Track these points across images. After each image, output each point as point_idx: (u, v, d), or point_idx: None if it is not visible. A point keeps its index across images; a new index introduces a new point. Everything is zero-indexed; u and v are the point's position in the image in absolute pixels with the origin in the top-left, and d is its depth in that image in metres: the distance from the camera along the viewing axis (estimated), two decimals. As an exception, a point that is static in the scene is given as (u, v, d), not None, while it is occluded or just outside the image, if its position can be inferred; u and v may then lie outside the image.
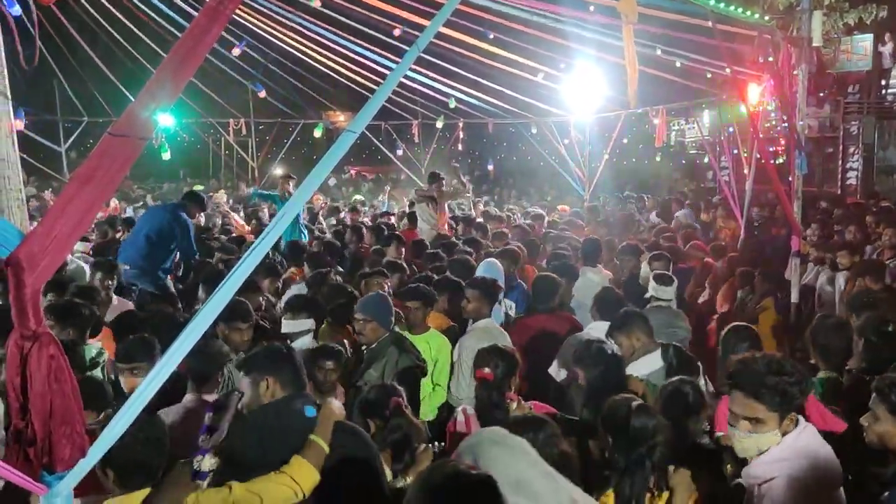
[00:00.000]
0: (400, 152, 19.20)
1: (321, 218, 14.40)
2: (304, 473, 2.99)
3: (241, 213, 14.61)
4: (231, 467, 2.98)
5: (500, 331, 5.53)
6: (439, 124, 19.00)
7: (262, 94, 17.86)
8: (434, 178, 11.93)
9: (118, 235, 10.58)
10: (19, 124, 11.43)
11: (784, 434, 2.83)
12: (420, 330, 5.44)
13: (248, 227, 12.82)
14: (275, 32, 14.44)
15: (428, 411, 5.22)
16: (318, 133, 19.38)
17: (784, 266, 8.14)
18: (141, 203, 17.08)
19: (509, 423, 2.88)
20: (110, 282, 6.60)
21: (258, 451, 3.10)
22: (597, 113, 16.13)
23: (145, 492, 2.79)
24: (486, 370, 4.04)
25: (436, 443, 3.81)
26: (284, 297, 6.21)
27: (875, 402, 2.94)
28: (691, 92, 14.39)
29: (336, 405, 3.39)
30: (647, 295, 6.02)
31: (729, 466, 3.20)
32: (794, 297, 7.68)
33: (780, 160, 16.63)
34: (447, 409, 5.20)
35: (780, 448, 2.80)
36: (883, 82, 21.94)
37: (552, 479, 2.31)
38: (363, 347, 5.10)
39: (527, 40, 12.27)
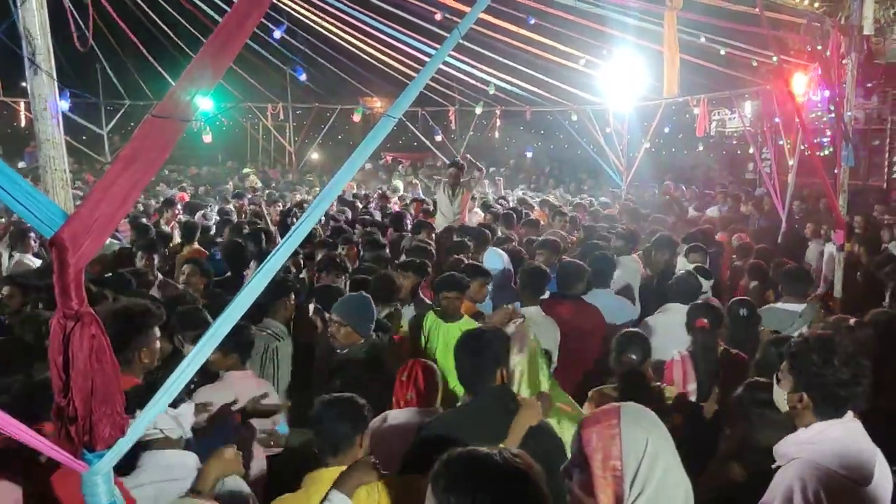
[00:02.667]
0: (439, 138, 19.21)
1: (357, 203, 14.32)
2: None
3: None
4: None
5: (544, 316, 5.54)
6: (478, 110, 18.97)
7: (304, 77, 17.97)
8: (453, 165, 11.30)
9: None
10: (64, 105, 11.64)
11: (794, 408, 2.88)
12: (454, 319, 5.48)
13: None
14: (313, 17, 14.50)
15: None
16: (357, 117, 19.48)
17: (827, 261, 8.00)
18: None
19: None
20: (151, 260, 6.81)
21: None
22: (636, 101, 15.94)
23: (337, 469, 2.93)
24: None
25: None
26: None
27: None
28: (733, 81, 14.15)
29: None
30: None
31: None
32: (837, 292, 7.52)
33: (826, 152, 16.30)
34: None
35: (808, 431, 2.83)
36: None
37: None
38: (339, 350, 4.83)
39: (568, 27, 12.14)
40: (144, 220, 10.31)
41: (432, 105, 19.89)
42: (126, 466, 2.98)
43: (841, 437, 2.77)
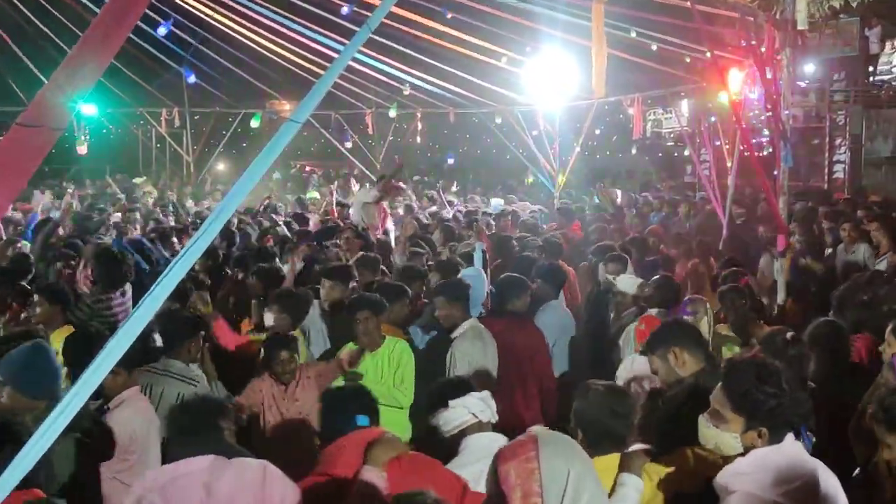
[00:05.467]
0: (349, 144, 19.05)
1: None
2: None
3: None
4: None
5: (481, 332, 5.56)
6: (392, 113, 18.97)
7: (192, 79, 17.63)
8: (382, 178, 11.47)
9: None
10: None
11: (751, 446, 2.92)
12: (376, 344, 5.40)
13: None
14: (210, 13, 14.30)
15: None
16: (255, 123, 19.19)
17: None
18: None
19: None
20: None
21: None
22: (567, 101, 16.22)
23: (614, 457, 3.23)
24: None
25: None
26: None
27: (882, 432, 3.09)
28: (669, 79, 14.58)
29: None
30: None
31: None
32: (780, 299, 7.80)
33: (765, 153, 16.92)
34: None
35: (745, 461, 2.88)
36: (870, 69, 22.46)
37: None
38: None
39: (489, 21, 12.32)
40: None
41: (347, 108, 19.83)
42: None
43: (781, 462, 2.83)
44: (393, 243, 9.83)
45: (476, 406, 3.62)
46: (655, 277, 6.37)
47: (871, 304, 5.93)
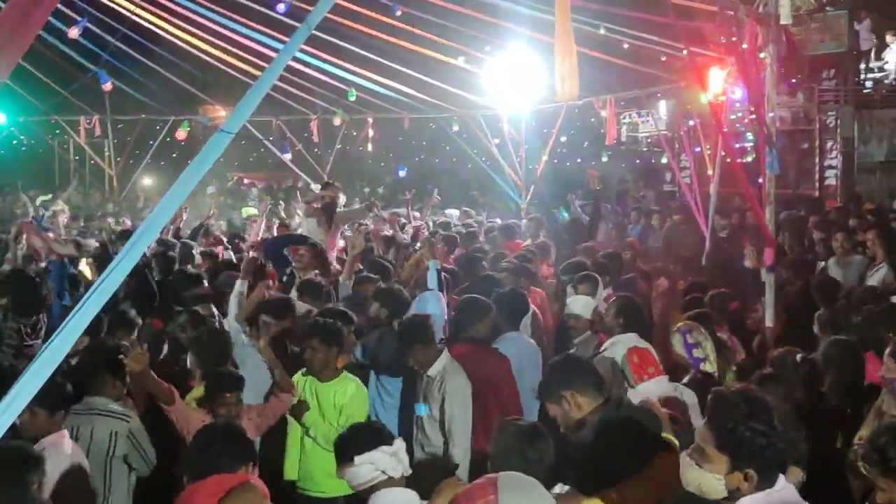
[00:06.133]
0: (289, 155, 18.89)
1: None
2: None
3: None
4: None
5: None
6: (338, 120, 18.87)
7: (108, 86, 17.41)
8: (327, 188, 11.28)
9: None
10: None
11: (736, 490, 2.90)
12: (328, 375, 5.45)
13: None
14: (131, 7, 14.19)
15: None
16: (182, 134, 18.98)
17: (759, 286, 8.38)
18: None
19: None
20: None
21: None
22: (533, 105, 16.35)
23: None
24: None
25: None
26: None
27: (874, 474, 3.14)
28: (646, 79, 14.78)
29: None
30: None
31: None
32: (769, 321, 7.91)
33: (749, 158, 17.18)
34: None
35: None
36: (861, 66, 22.93)
37: None
38: None
39: (442, 15, 12.39)
40: None
41: (290, 113, 19.76)
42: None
43: None
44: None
45: (385, 463, 3.63)
46: (614, 299, 6.43)
47: (866, 324, 6.08)
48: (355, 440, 3.72)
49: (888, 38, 22.76)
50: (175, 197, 2.23)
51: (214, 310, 7.51)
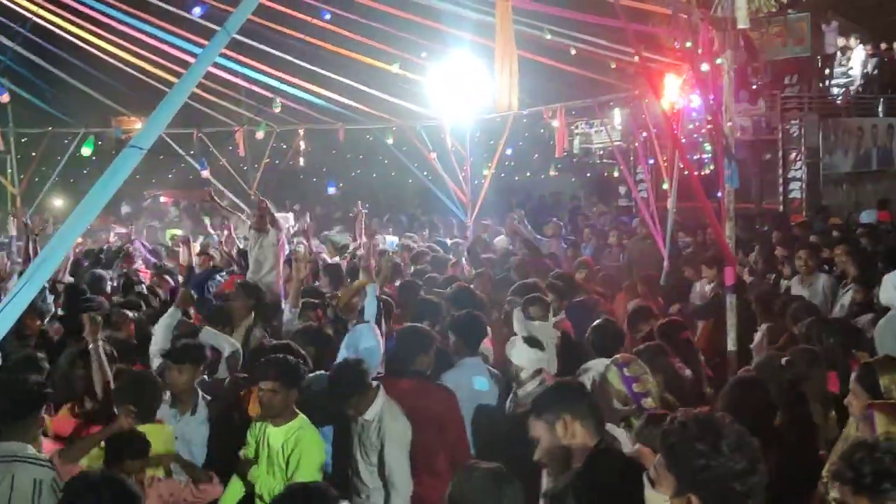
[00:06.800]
0: (206, 172, 18.64)
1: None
2: None
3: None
4: None
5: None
6: (260, 133, 18.69)
7: (5, 97, 17.06)
8: (259, 205, 11.43)
9: None
10: None
11: None
12: (284, 419, 5.41)
13: None
14: (34, 8, 14.00)
15: None
16: (87, 150, 18.63)
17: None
18: None
19: None
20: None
21: None
22: (478, 114, 16.43)
23: None
24: None
25: None
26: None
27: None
28: (600, 87, 14.97)
29: None
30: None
31: None
32: (731, 345, 8.03)
33: (708, 170, 17.48)
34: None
35: None
36: (826, 71, 23.46)
37: None
38: None
39: (376, 18, 12.43)
40: None
41: (213, 125, 19.58)
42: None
43: None
44: None
45: None
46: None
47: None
48: None
49: (852, 42, 23.40)
50: (81, 217, 2.23)
51: None
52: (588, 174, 27.91)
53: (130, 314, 8.30)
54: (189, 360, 6.02)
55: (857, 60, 23.53)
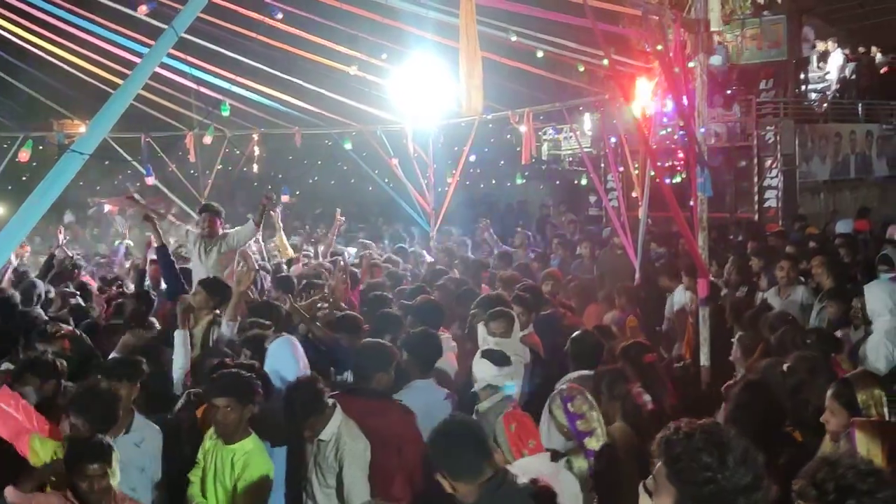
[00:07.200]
0: (151, 179, 18.48)
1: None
2: None
3: None
4: None
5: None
6: (208, 139, 18.51)
7: None
8: (208, 210, 11.23)
9: None
10: None
11: None
12: (238, 436, 5.41)
13: None
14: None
15: None
16: (24, 155, 18.46)
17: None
18: None
19: None
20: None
21: None
22: (443, 119, 16.45)
23: None
24: None
25: None
26: None
27: None
28: (568, 90, 15.05)
29: None
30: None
31: None
32: (704, 360, 8.12)
33: (681, 178, 17.58)
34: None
35: None
36: (802, 76, 23.70)
37: None
38: None
39: (337, 17, 12.41)
40: None
41: (162, 129, 19.43)
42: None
43: None
44: None
45: None
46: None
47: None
48: None
49: (829, 45, 23.70)
50: (20, 226, 2.22)
51: None
52: (557, 182, 28.00)
53: (66, 328, 8.26)
54: (125, 377, 5.95)
55: (834, 65, 23.83)
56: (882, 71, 25.62)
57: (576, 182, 24.29)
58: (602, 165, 20.86)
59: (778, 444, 4.80)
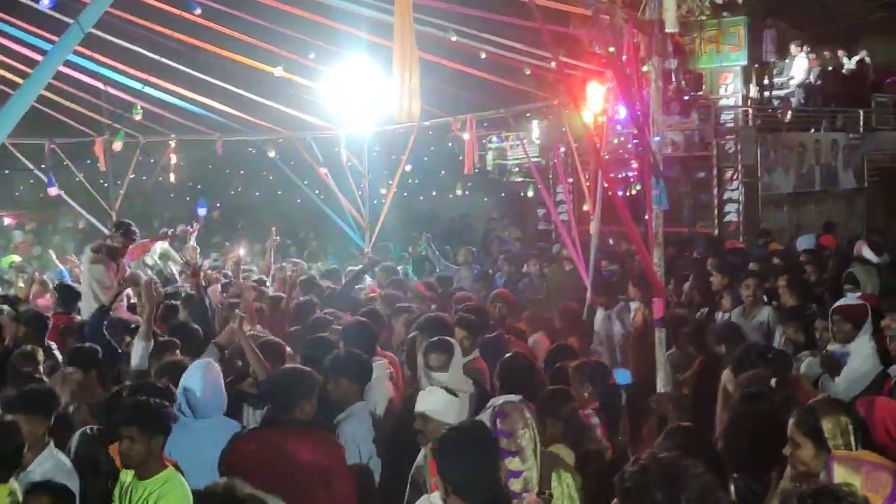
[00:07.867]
0: (54, 189, 18.17)
1: None
2: None
3: None
4: None
5: None
6: (118, 145, 18.25)
7: None
8: (121, 228, 11.46)
9: None
10: None
11: None
12: (149, 471, 5.38)
13: None
14: None
15: None
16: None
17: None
18: None
19: None
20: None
21: None
22: (378, 125, 16.44)
23: None
24: None
25: None
26: None
27: None
28: (514, 96, 15.12)
29: None
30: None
31: None
32: (661, 386, 8.18)
33: (635, 190, 17.74)
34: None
35: None
36: (765, 81, 23.97)
37: None
38: None
39: (259, 12, 12.36)
40: None
41: (68, 135, 19.15)
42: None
43: None
44: None
45: None
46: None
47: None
48: None
49: (793, 48, 24.05)
50: None
51: None
52: (502, 194, 28.09)
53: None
54: (38, 410, 5.85)
55: (798, 69, 24.18)
56: (847, 75, 25.90)
57: (523, 194, 24.37)
58: (550, 176, 20.95)
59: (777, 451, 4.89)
